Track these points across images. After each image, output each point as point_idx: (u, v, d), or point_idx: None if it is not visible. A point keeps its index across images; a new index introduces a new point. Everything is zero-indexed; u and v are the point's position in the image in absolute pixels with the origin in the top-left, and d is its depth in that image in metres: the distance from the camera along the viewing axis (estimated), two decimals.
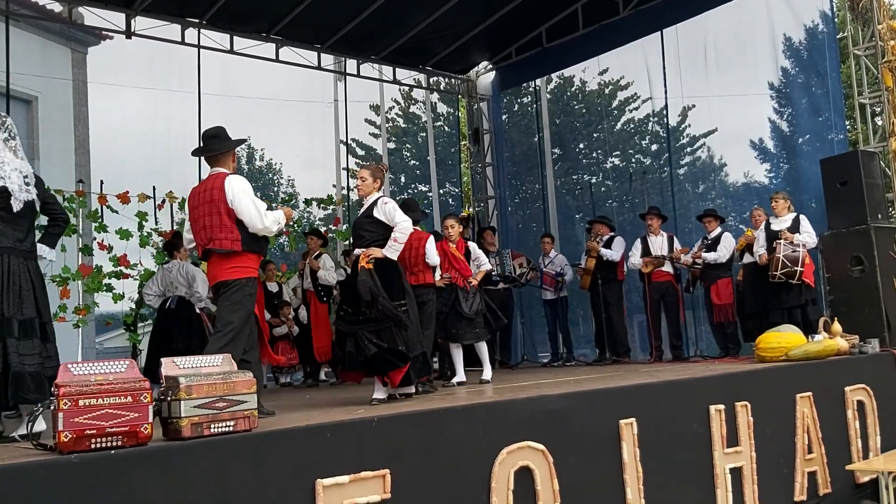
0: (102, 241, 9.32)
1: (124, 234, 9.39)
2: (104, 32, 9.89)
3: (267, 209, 4.75)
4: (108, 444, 3.08)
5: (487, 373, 7.00)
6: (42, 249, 4.56)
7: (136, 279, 9.41)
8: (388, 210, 5.44)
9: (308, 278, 9.28)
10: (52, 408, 3.08)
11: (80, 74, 12.77)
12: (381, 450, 3.77)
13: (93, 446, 3.04)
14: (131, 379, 3.25)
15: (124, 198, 9.55)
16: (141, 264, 9.44)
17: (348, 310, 5.29)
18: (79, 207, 9.14)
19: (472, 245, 7.64)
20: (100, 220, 9.36)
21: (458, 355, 6.99)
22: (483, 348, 7.08)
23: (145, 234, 9.65)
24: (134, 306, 9.30)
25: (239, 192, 4.68)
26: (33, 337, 4.17)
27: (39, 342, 4.20)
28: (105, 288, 9.22)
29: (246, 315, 4.68)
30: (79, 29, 10.35)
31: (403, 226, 5.40)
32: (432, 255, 6.54)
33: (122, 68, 9.84)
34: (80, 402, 3.06)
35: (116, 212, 9.53)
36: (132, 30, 9.51)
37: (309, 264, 9.25)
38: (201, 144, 4.90)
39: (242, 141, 5.57)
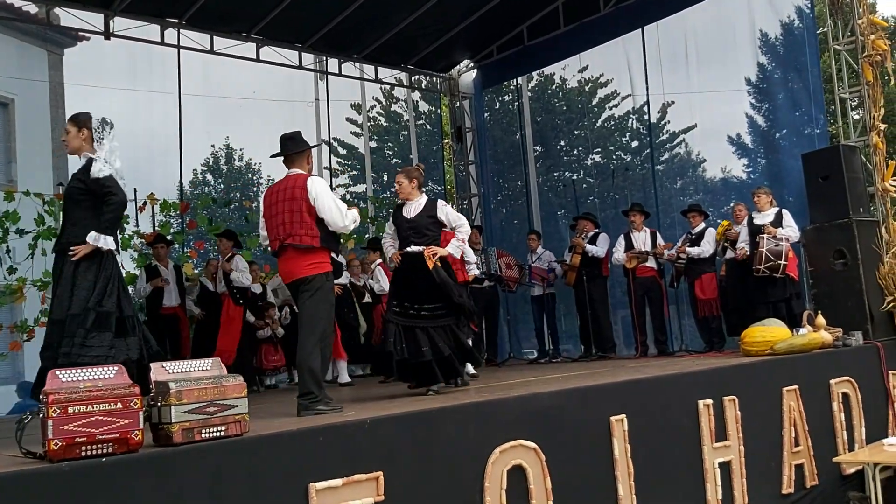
0: None
1: None
2: (81, 33, 9.77)
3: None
4: (99, 452, 3.04)
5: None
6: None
7: None
8: (450, 213, 6.02)
9: (221, 281, 9.04)
10: (41, 415, 3.03)
11: (57, 76, 12.63)
12: (374, 452, 3.75)
13: (83, 454, 3.00)
14: (121, 385, 3.22)
15: None
16: (123, 267, 9.32)
17: (409, 305, 5.66)
18: (58, 211, 9.03)
19: (468, 249, 7.57)
20: None
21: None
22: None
23: (126, 236, 9.55)
24: None
25: (321, 191, 4.93)
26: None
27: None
28: None
29: (330, 308, 4.98)
30: (56, 30, 10.23)
31: (465, 227, 5.99)
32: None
33: (100, 69, 9.73)
34: (70, 410, 3.02)
35: None
36: (111, 30, 9.41)
37: (221, 267, 9.02)
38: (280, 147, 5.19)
39: (316, 144, 5.85)
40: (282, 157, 5.11)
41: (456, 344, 5.72)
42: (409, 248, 5.82)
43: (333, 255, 5.20)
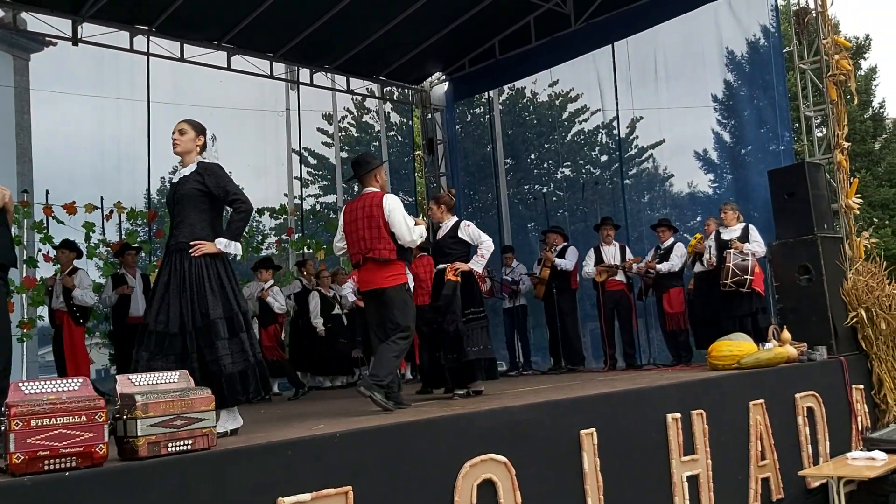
0: (48, 252, 9.06)
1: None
2: (48, 39, 9.63)
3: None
4: (63, 466, 2.97)
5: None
6: None
7: None
8: (472, 231, 6.52)
9: (60, 297, 8.38)
10: (2, 428, 2.96)
11: (23, 82, 12.40)
12: (344, 466, 3.72)
13: (46, 468, 2.94)
14: (85, 397, 3.15)
15: (71, 208, 9.32)
16: (88, 276, 9.19)
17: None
18: (23, 218, 8.88)
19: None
20: (45, 231, 9.11)
21: None
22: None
23: (93, 245, 9.42)
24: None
25: (394, 208, 5.44)
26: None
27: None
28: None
29: (413, 315, 5.45)
30: (23, 35, 10.07)
31: (488, 244, 6.49)
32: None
33: (67, 76, 9.57)
34: (33, 423, 2.95)
35: (63, 223, 9.29)
36: (79, 36, 9.29)
37: (61, 281, 8.39)
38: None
39: (384, 161, 6.33)
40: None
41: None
42: (437, 266, 6.51)
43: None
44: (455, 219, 6.66)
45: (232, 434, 4.20)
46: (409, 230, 5.42)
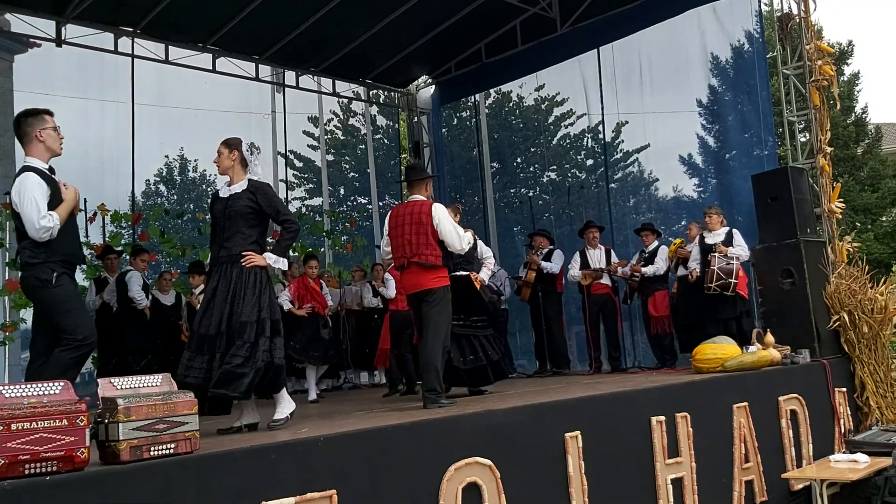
0: None
1: None
2: (32, 40, 9.56)
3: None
4: (43, 470, 2.95)
5: (312, 394, 8.08)
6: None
7: None
8: (481, 246, 7.06)
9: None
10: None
11: (6, 83, 12.33)
12: (328, 470, 3.70)
13: (27, 472, 2.91)
14: (66, 401, 3.12)
15: None
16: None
17: (464, 318, 6.52)
18: (6, 220, 8.79)
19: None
20: None
21: (312, 376, 8.19)
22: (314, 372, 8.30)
23: None
24: None
25: (442, 218, 5.78)
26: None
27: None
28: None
29: (449, 315, 5.82)
30: (6, 36, 9.99)
31: (491, 259, 7.16)
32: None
33: (51, 77, 9.50)
34: (13, 427, 2.92)
35: None
36: (63, 37, 9.23)
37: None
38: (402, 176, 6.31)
39: (434, 175, 7.13)
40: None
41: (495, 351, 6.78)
42: (455, 273, 6.55)
43: None
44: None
45: (248, 430, 4.63)
46: (459, 238, 5.83)
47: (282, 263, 4.84)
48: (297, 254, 11.47)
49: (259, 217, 4.77)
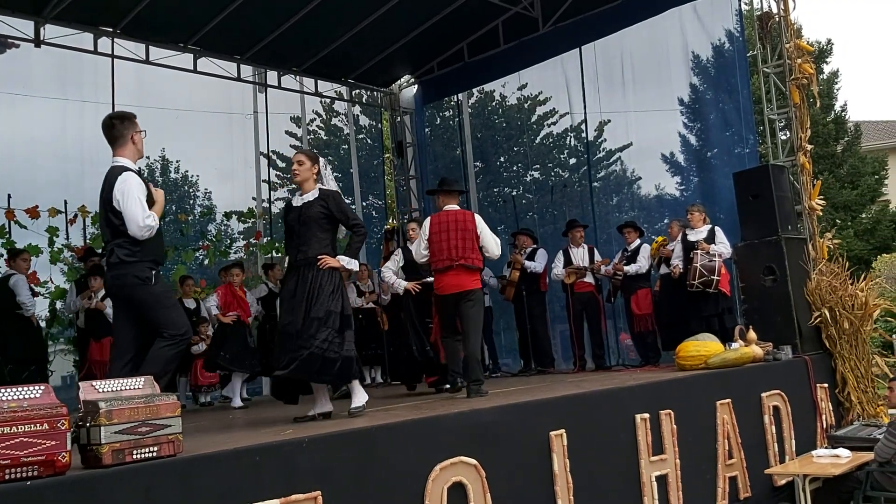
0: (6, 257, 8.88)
1: (34, 251, 8.97)
2: (10, 40, 9.45)
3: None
4: (24, 475, 2.91)
5: (237, 401, 8.20)
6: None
7: (46, 297, 9.01)
8: None
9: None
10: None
11: None
12: (312, 471, 3.69)
13: (7, 477, 2.87)
14: (47, 405, 3.08)
15: (34, 212, 9.15)
16: (52, 281, 9.05)
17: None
18: None
19: None
20: (7, 235, 8.93)
21: (238, 383, 8.33)
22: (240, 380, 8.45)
23: (56, 249, 9.26)
24: (45, 324, 8.89)
25: (484, 227, 6.42)
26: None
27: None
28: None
29: (483, 313, 6.49)
30: None
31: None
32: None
33: (29, 78, 9.39)
34: None
35: (25, 227, 9.12)
36: (41, 38, 9.14)
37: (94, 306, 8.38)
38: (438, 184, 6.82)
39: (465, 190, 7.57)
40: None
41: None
42: (426, 280, 7.08)
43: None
44: None
45: (322, 418, 5.03)
46: (497, 245, 6.48)
47: (354, 265, 5.23)
48: (280, 254, 11.43)
49: (331, 222, 5.21)
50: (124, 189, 4.34)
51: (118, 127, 4.53)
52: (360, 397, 5.07)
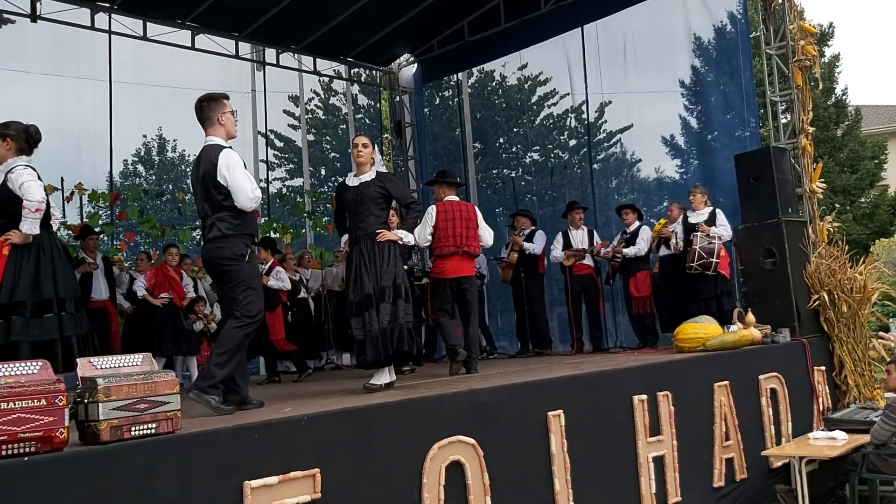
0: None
1: None
2: (7, 15, 9.35)
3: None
4: (21, 451, 2.90)
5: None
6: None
7: None
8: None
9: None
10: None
11: None
12: (311, 449, 3.68)
13: (4, 453, 2.86)
14: (45, 380, 3.07)
15: None
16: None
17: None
18: None
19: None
20: None
21: (180, 368, 8.62)
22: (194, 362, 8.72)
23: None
24: None
25: (481, 219, 7.00)
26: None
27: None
28: None
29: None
30: None
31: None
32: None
33: (25, 54, 9.30)
34: None
35: None
36: (37, 13, 9.04)
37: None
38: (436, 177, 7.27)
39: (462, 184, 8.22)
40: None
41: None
42: None
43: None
44: None
45: (387, 388, 5.26)
46: (491, 235, 7.09)
47: (410, 238, 5.70)
48: (278, 234, 11.40)
49: (386, 201, 5.61)
50: (230, 164, 4.52)
51: (206, 109, 4.69)
52: (384, 376, 5.29)
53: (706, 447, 6.05)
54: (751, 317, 7.32)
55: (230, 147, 4.66)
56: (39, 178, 4.80)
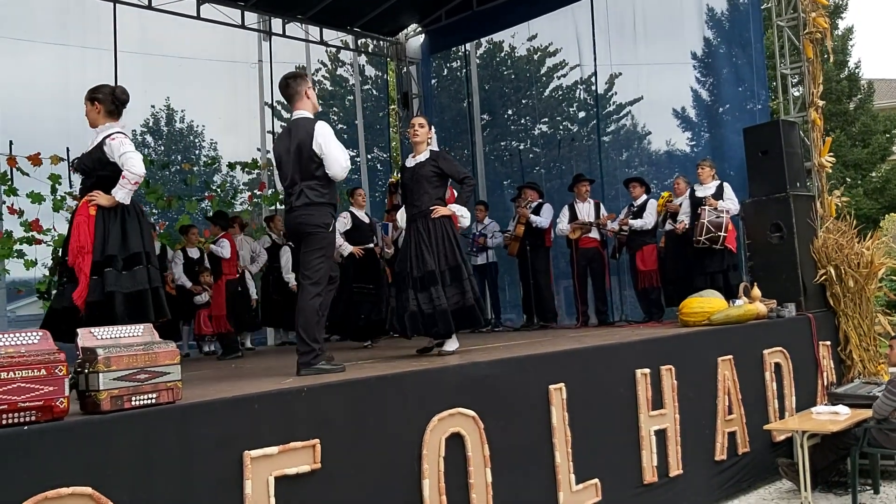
0: (13, 205, 8.89)
1: (36, 198, 8.96)
2: None
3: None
4: (21, 420, 2.92)
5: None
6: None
7: (49, 245, 9.00)
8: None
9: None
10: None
11: None
12: (311, 419, 3.70)
13: (4, 422, 2.88)
14: (45, 350, 3.08)
15: (36, 160, 9.08)
16: (55, 229, 9.03)
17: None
18: None
19: None
20: (9, 182, 8.90)
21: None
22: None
23: (59, 197, 9.22)
24: (48, 273, 8.91)
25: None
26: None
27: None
28: (16, 254, 8.81)
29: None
30: None
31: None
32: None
33: (30, 23, 9.25)
34: None
35: (27, 174, 9.08)
36: None
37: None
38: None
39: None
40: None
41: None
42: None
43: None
44: None
45: (441, 354, 5.58)
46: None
47: (465, 211, 5.91)
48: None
49: (441, 179, 5.77)
50: (325, 134, 4.81)
51: (292, 85, 4.98)
52: (453, 343, 5.65)
53: (709, 421, 6.05)
54: (756, 291, 7.29)
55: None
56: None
